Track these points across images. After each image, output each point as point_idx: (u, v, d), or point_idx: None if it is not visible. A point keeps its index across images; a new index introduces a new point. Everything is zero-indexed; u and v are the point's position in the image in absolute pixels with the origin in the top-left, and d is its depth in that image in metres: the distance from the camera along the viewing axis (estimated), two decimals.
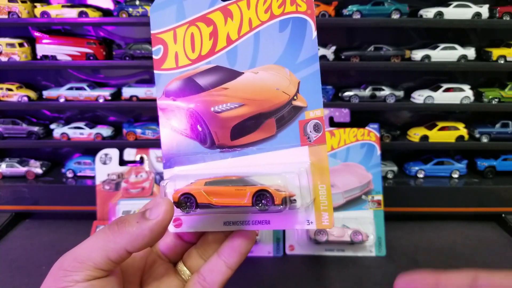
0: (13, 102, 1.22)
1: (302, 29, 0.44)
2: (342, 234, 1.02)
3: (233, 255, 0.44)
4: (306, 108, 0.44)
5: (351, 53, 1.19)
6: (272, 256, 1.03)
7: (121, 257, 0.39)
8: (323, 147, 0.44)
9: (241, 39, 0.46)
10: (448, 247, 1.08)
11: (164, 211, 0.39)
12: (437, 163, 1.26)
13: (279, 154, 0.44)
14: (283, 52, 0.45)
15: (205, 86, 0.46)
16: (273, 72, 0.45)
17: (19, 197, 1.20)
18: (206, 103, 0.46)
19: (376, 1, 1.17)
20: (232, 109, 0.45)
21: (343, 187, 1.05)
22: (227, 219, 0.45)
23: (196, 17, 0.47)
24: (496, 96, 1.20)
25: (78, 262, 0.38)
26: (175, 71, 0.47)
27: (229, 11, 0.46)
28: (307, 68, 0.44)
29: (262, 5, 0.45)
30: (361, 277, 0.96)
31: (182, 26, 0.47)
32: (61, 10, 1.16)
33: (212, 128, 0.46)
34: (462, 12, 1.16)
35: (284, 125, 0.44)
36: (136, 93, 1.22)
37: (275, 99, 0.45)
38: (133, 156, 1.15)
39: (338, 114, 1.14)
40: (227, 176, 0.44)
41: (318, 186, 0.43)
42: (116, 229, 0.39)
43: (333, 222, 0.43)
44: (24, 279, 0.95)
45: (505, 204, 1.19)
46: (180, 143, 0.47)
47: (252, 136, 0.45)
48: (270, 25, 0.45)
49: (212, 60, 0.46)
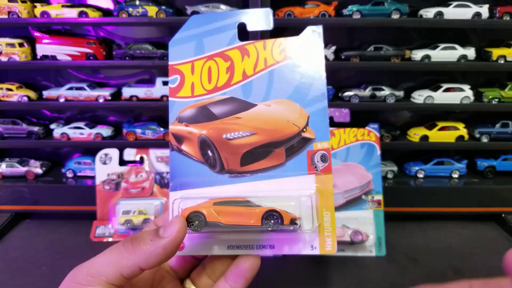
0: (13, 102, 1.22)
1: (314, 69, 0.48)
2: (342, 234, 1.02)
3: (239, 280, 0.45)
4: (315, 140, 0.47)
5: (351, 53, 1.20)
6: (272, 256, 1.03)
7: (134, 273, 0.40)
8: (329, 176, 0.46)
9: (256, 75, 0.49)
10: (448, 247, 1.08)
11: (178, 230, 0.40)
12: (437, 163, 1.26)
13: (287, 181, 0.47)
14: (295, 89, 0.48)
15: (219, 114, 0.49)
16: (285, 106, 0.48)
17: (19, 197, 1.20)
18: (218, 130, 0.49)
19: (376, 1, 1.17)
20: (244, 137, 0.48)
21: (343, 187, 1.05)
22: (231, 243, 0.46)
23: (215, 53, 0.50)
24: (496, 96, 1.20)
25: (91, 276, 0.39)
26: (190, 99, 0.50)
27: (246, 50, 0.49)
28: (316, 104, 0.47)
29: (278, 47, 0.49)
30: (361, 277, 0.96)
31: (201, 60, 0.50)
32: (61, 10, 1.16)
33: (222, 154, 0.48)
34: (462, 12, 1.16)
35: (293, 155, 0.47)
36: (136, 93, 1.22)
37: (285, 130, 0.48)
38: (133, 156, 1.15)
39: (338, 114, 1.14)
40: (235, 198, 0.46)
41: (323, 213, 0.45)
42: (130, 247, 0.40)
43: (336, 247, 0.45)
44: (24, 279, 0.95)
45: (505, 204, 1.19)
46: (189, 167, 0.49)
47: (261, 163, 0.47)
48: (284, 64, 0.48)
49: (227, 92, 0.49)
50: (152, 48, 1.20)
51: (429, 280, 0.94)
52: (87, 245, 1.08)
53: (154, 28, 1.27)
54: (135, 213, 1.11)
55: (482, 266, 0.99)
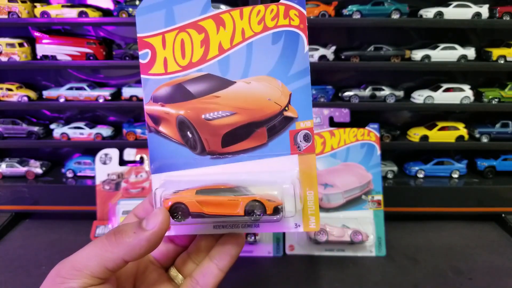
0: (13, 102, 1.22)
1: (295, 42, 0.45)
2: (342, 234, 1.02)
3: (224, 258, 0.45)
4: (297, 119, 0.45)
5: (351, 53, 1.19)
6: (272, 256, 1.03)
7: (118, 266, 0.40)
8: (312, 156, 0.45)
9: (233, 49, 0.46)
10: (448, 247, 1.08)
11: (161, 221, 0.40)
12: (437, 163, 1.26)
13: (269, 162, 0.46)
14: (276, 64, 0.45)
15: (196, 93, 0.47)
16: (266, 83, 0.46)
17: (19, 197, 1.20)
18: (197, 110, 0.46)
19: (376, 1, 1.17)
20: (224, 117, 0.46)
21: (343, 187, 1.05)
22: (217, 222, 0.45)
23: (187, 23, 0.46)
24: (496, 96, 1.20)
25: (76, 270, 0.39)
26: (164, 76, 0.47)
27: (222, 19, 0.46)
28: (298, 80, 0.45)
29: (256, 17, 0.45)
30: (361, 277, 0.96)
31: (172, 32, 0.46)
32: (61, 10, 1.16)
33: (203, 135, 0.46)
34: (462, 12, 1.16)
35: (275, 135, 0.46)
36: (136, 93, 1.22)
37: (266, 109, 0.46)
38: (133, 156, 1.15)
39: (338, 114, 1.14)
40: (218, 185, 0.44)
41: (307, 193, 0.45)
42: (114, 239, 0.40)
43: (319, 225, 0.45)
44: (24, 279, 0.95)
45: (505, 204, 1.19)
46: (168, 149, 0.47)
47: (243, 144, 0.46)
48: (263, 37, 0.46)
49: (203, 68, 0.46)
50: None
51: (429, 280, 0.94)
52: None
53: None
54: None
55: (482, 266, 0.99)
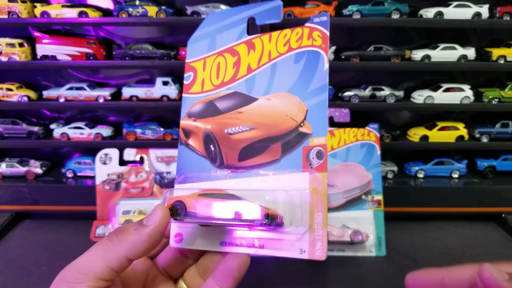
0: (13, 102, 1.22)
1: (315, 61, 0.48)
2: (342, 234, 1.02)
3: (227, 280, 0.44)
4: (311, 135, 0.45)
5: (351, 53, 1.20)
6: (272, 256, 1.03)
7: (122, 265, 0.40)
8: (324, 174, 0.43)
9: (259, 69, 0.49)
10: (448, 247, 1.08)
11: (160, 217, 0.41)
12: (437, 163, 1.26)
13: (281, 178, 0.45)
14: (296, 81, 0.47)
15: (223, 109, 0.50)
16: (284, 99, 0.48)
17: (19, 197, 1.20)
18: (221, 125, 0.49)
19: (376, 1, 1.17)
20: (243, 132, 0.48)
21: (343, 187, 1.05)
22: (224, 239, 0.45)
23: (224, 48, 0.51)
24: (496, 96, 1.20)
25: (80, 273, 0.39)
26: (199, 95, 0.51)
27: (253, 44, 0.50)
28: (316, 97, 0.46)
29: (282, 39, 0.49)
30: (361, 277, 0.96)
31: (212, 56, 0.52)
32: (61, 10, 1.16)
33: (223, 149, 0.48)
34: (462, 12, 1.16)
35: (289, 150, 0.46)
36: (136, 93, 1.22)
37: (283, 125, 0.47)
38: (133, 156, 1.15)
39: (338, 114, 1.14)
40: (220, 190, 0.45)
41: (315, 214, 0.43)
42: (115, 238, 0.40)
43: (326, 253, 0.42)
44: (24, 279, 0.95)
45: (505, 204, 1.19)
46: (193, 161, 0.50)
47: (258, 158, 0.47)
48: (287, 57, 0.48)
49: (232, 86, 0.50)
50: (152, 48, 1.20)
51: None
52: (87, 245, 1.06)
53: (154, 28, 1.27)
54: (135, 213, 1.11)
55: None
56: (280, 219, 0.42)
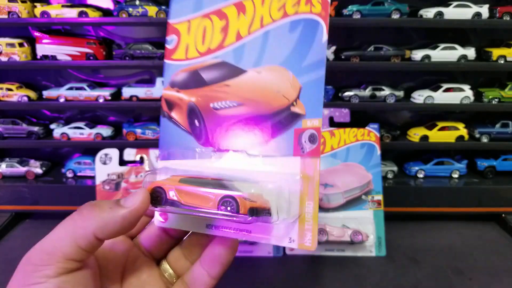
0: (13, 102, 1.22)
1: (313, 31, 0.42)
2: (342, 234, 1.02)
3: (214, 265, 0.42)
4: (304, 116, 0.41)
5: (351, 53, 1.19)
6: (272, 256, 1.03)
7: (91, 244, 0.36)
8: (316, 160, 0.40)
9: (250, 36, 0.44)
10: (448, 247, 1.08)
11: (140, 201, 0.38)
12: (437, 163, 1.26)
13: (270, 162, 0.42)
14: (290, 54, 0.42)
15: (209, 80, 0.45)
16: (276, 73, 0.43)
17: (19, 197, 1.20)
18: (207, 98, 0.45)
19: (376, 1, 1.17)
20: (230, 108, 0.44)
21: (343, 187, 1.05)
22: (210, 222, 0.43)
23: (212, 10, 0.45)
24: (496, 96, 1.20)
25: (47, 254, 0.35)
26: (183, 62, 0.46)
27: (243, 6, 0.44)
28: (311, 73, 0.41)
29: (277, 2, 0.43)
30: (361, 277, 0.96)
31: (197, 18, 0.46)
32: (61, 10, 1.16)
33: (208, 125, 0.44)
34: (462, 12, 1.16)
35: (279, 132, 0.42)
36: (136, 93, 1.22)
37: (274, 102, 0.42)
38: (133, 156, 1.15)
39: (338, 114, 1.14)
40: (204, 177, 0.42)
41: (306, 203, 0.40)
42: (85, 213, 0.36)
43: (316, 244, 0.40)
44: None
45: (505, 204, 1.19)
46: (177, 136, 0.46)
47: (245, 138, 0.43)
48: (281, 25, 0.43)
49: (219, 55, 0.45)
50: (152, 48, 1.20)
51: (429, 280, 0.94)
52: None
53: (154, 28, 1.27)
54: None
55: (482, 266, 0.99)
56: (267, 212, 0.39)
